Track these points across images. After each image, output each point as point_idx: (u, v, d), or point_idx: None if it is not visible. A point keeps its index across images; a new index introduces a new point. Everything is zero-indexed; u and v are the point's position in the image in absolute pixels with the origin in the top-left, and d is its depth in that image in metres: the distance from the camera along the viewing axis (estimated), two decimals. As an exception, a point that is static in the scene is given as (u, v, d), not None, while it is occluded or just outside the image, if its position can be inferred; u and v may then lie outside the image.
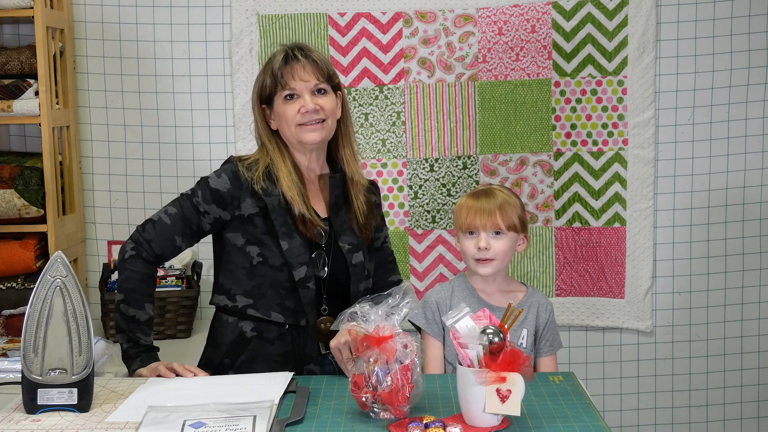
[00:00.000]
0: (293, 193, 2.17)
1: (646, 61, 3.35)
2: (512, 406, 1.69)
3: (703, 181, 3.43)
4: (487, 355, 1.73)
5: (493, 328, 1.76)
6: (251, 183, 2.19)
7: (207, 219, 2.20)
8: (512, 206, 2.27)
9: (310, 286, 2.17)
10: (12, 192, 3.01)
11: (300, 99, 2.19)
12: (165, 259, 2.24)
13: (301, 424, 1.78)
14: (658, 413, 3.54)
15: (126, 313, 2.16)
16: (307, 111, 2.17)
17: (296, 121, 2.18)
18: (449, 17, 3.36)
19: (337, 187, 2.25)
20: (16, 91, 3.03)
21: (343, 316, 1.85)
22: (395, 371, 1.77)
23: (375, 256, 2.34)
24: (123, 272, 2.19)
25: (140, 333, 2.16)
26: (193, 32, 3.36)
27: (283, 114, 2.20)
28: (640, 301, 3.45)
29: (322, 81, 2.21)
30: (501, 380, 1.69)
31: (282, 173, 2.20)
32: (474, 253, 2.25)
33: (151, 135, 3.40)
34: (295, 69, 2.20)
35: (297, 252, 2.16)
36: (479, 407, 1.71)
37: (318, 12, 3.35)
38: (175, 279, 3.20)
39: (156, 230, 2.19)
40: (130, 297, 2.16)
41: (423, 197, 3.41)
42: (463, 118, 3.39)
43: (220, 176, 2.21)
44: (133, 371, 2.13)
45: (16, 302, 3.02)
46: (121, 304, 2.16)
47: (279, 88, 2.19)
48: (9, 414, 1.85)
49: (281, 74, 2.19)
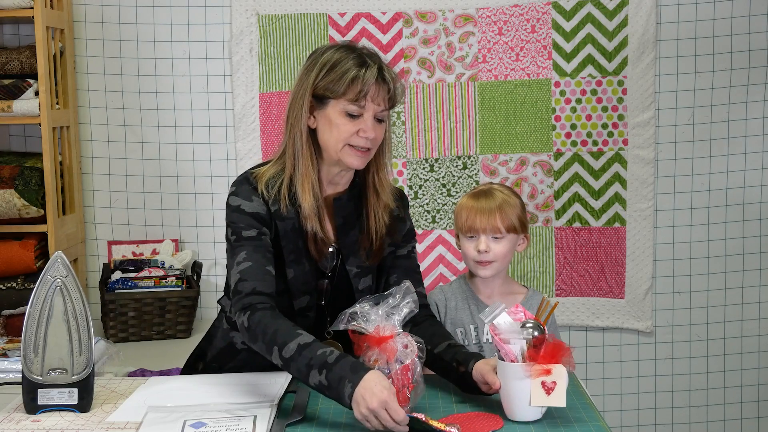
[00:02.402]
0: (311, 213, 2.02)
1: (646, 61, 3.35)
2: (558, 397, 1.71)
3: (703, 181, 3.43)
4: (531, 348, 1.74)
5: (533, 322, 1.78)
6: (269, 204, 2.03)
7: (268, 238, 2.02)
8: (512, 207, 2.27)
9: (310, 315, 2.09)
10: (12, 192, 3.01)
11: (361, 120, 1.98)
12: (275, 294, 1.97)
13: (301, 424, 1.78)
14: (658, 413, 3.54)
15: (289, 354, 1.82)
16: (366, 137, 1.99)
17: (348, 141, 1.99)
18: (449, 17, 3.36)
19: (344, 208, 2.10)
20: (16, 91, 3.03)
21: (344, 316, 1.84)
22: (396, 371, 1.77)
23: (400, 263, 2.17)
24: (254, 334, 1.88)
25: (319, 349, 1.82)
26: (193, 32, 3.36)
27: (337, 125, 1.99)
28: (640, 301, 3.45)
29: (386, 108, 2.02)
30: (546, 372, 1.72)
31: (306, 186, 2.02)
32: (474, 255, 2.25)
33: (151, 135, 3.40)
34: (380, 90, 1.99)
35: (302, 281, 2.05)
36: (524, 401, 1.73)
37: (318, 12, 3.35)
38: (175, 279, 3.20)
39: (250, 279, 1.94)
40: (278, 339, 1.85)
41: (423, 197, 3.41)
42: (463, 118, 3.39)
43: (252, 200, 2.02)
44: (350, 396, 1.74)
45: (16, 302, 3.03)
46: (281, 354, 1.83)
47: (349, 99, 1.98)
48: (9, 414, 1.85)
49: (365, 91, 1.97)
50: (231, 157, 3.39)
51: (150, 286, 3.17)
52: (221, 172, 3.38)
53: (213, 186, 3.39)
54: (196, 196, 3.41)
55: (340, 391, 1.73)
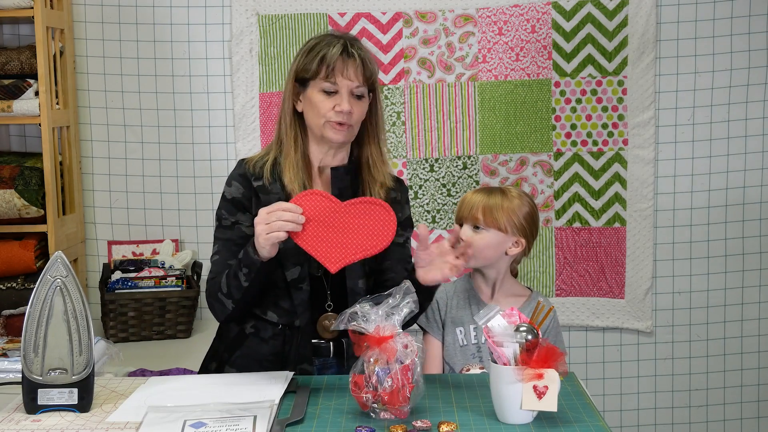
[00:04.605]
0: (294, 185, 2.13)
1: (646, 61, 3.35)
2: (549, 402, 1.71)
3: (703, 181, 3.43)
4: (524, 352, 1.74)
5: (527, 326, 1.78)
6: (252, 180, 2.16)
7: (242, 226, 2.16)
8: (506, 208, 2.26)
9: (304, 287, 2.14)
10: (12, 192, 3.01)
11: (337, 96, 2.11)
12: None
13: (301, 424, 1.78)
14: (658, 413, 3.54)
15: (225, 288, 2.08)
16: (341, 111, 2.10)
17: (329, 117, 2.12)
18: (449, 17, 3.36)
19: (341, 180, 2.18)
20: (16, 91, 3.03)
21: (344, 316, 1.84)
22: (396, 371, 1.77)
23: (395, 249, 2.22)
24: (209, 301, 2.14)
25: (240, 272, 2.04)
26: (193, 32, 3.36)
27: (316, 104, 2.13)
28: (640, 301, 3.45)
29: (363, 84, 2.14)
30: (538, 377, 1.72)
31: (288, 164, 2.16)
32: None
33: (151, 135, 3.40)
34: (347, 65, 2.11)
35: (291, 252, 2.11)
36: (515, 404, 1.73)
37: (318, 12, 3.35)
38: (175, 279, 3.20)
39: (214, 269, 2.15)
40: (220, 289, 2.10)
41: (423, 197, 3.41)
42: (463, 118, 3.39)
43: (231, 184, 2.18)
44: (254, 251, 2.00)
45: (16, 302, 3.02)
46: (221, 290, 2.09)
47: (322, 77, 2.11)
48: (9, 414, 1.84)
49: (332, 66, 2.10)
50: (231, 157, 3.39)
51: (150, 286, 3.18)
52: (221, 172, 3.37)
53: (213, 186, 3.39)
54: (196, 196, 3.42)
55: (247, 250, 2.00)
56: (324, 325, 2.18)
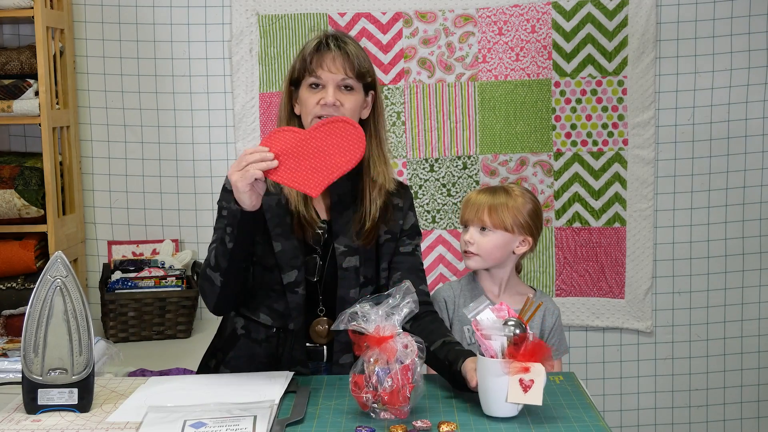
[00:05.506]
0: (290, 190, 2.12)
1: (646, 61, 3.35)
2: (535, 395, 1.72)
3: (703, 181, 3.43)
4: (511, 346, 1.75)
5: (515, 320, 1.79)
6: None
7: None
8: (511, 207, 2.28)
9: (299, 291, 2.12)
10: (12, 192, 3.01)
11: (323, 90, 2.10)
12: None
13: (301, 424, 1.78)
14: (658, 413, 3.54)
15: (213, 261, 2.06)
16: (325, 104, 2.08)
17: (315, 112, 2.10)
18: (449, 17, 3.36)
19: (341, 186, 2.14)
20: (16, 91, 3.03)
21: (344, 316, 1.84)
22: (396, 371, 1.77)
23: (405, 260, 2.21)
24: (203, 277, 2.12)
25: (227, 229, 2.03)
26: (193, 32, 3.36)
27: (304, 101, 2.12)
28: (640, 301, 3.45)
29: (350, 76, 2.11)
30: (525, 370, 1.72)
31: None
32: (462, 245, 2.34)
33: (151, 135, 3.40)
34: (324, 58, 2.10)
35: (289, 255, 2.11)
36: (501, 397, 1.74)
37: (318, 12, 3.35)
38: (175, 279, 3.20)
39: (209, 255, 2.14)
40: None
41: (423, 197, 3.41)
42: (463, 118, 3.39)
43: None
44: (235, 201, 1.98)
45: (16, 302, 3.03)
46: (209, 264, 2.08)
47: (306, 74, 2.12)
48: (9, 414, 1.84)
49: (310, 60, 2.11)
50: (231, 157, 3.39)
51: (150, 286, 3.18)
52: (221, 172, 3.37)
53: (213, 186, 3.39)
54: (196, 196, 3.42)
55: (230, 207, 1.98)
56: (317, 330, 2.18)
